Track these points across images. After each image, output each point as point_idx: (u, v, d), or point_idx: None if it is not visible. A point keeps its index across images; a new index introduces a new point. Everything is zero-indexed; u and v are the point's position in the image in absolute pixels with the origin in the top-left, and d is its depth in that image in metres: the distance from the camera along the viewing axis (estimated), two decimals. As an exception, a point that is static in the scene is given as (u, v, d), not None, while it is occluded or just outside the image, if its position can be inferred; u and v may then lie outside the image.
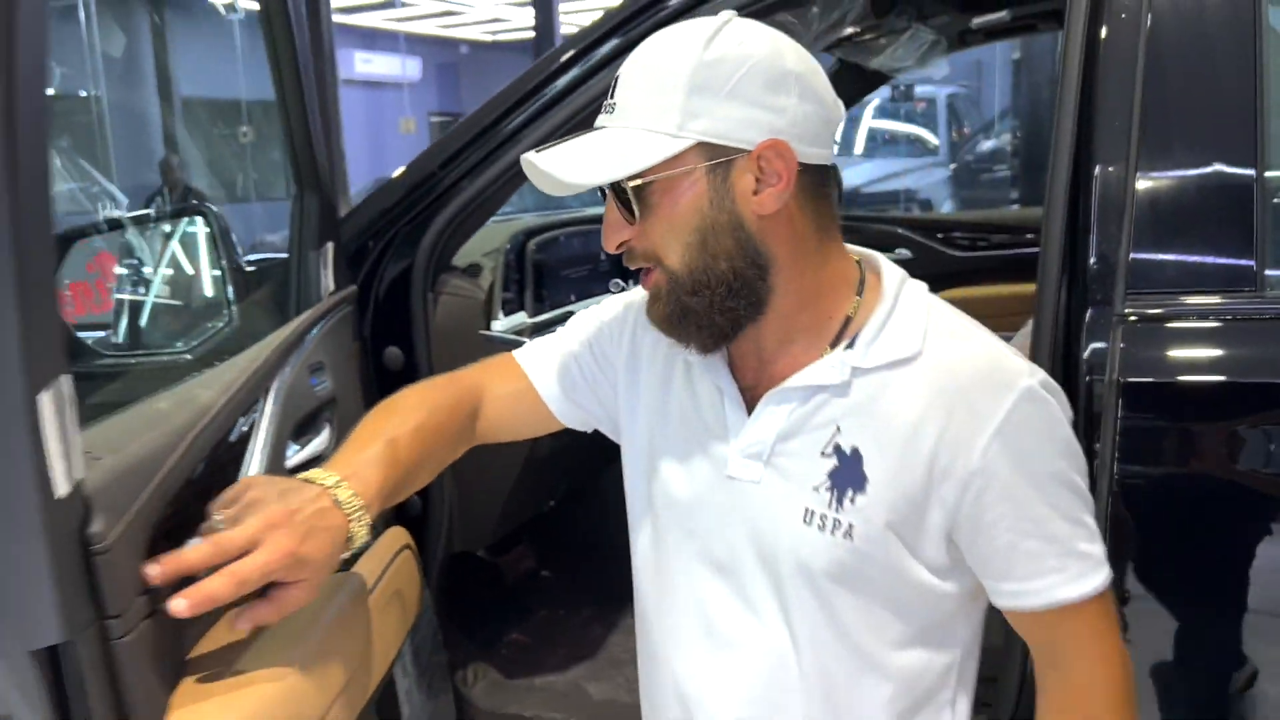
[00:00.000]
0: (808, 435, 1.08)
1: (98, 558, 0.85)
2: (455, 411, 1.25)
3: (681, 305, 1.06)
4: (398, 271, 1.94)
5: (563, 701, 2.22)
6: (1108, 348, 1.42)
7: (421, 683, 1.64)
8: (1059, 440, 1.06)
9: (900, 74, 3.25)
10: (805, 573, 1.08)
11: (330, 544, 1.02)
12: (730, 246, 1.04)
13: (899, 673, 1.12)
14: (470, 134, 1.90)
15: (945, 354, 1.06)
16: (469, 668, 2.27)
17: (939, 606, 1.11)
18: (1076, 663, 1.09)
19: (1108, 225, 1.48)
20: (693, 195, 1.02)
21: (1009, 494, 1.03)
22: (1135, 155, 1.47)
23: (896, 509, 1.05)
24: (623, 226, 1.06)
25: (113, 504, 0.88)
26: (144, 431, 1.01)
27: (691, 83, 1.00)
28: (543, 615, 2.59)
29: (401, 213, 1.94)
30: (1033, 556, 1.05)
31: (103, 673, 0.86)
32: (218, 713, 0.94)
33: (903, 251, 3.57)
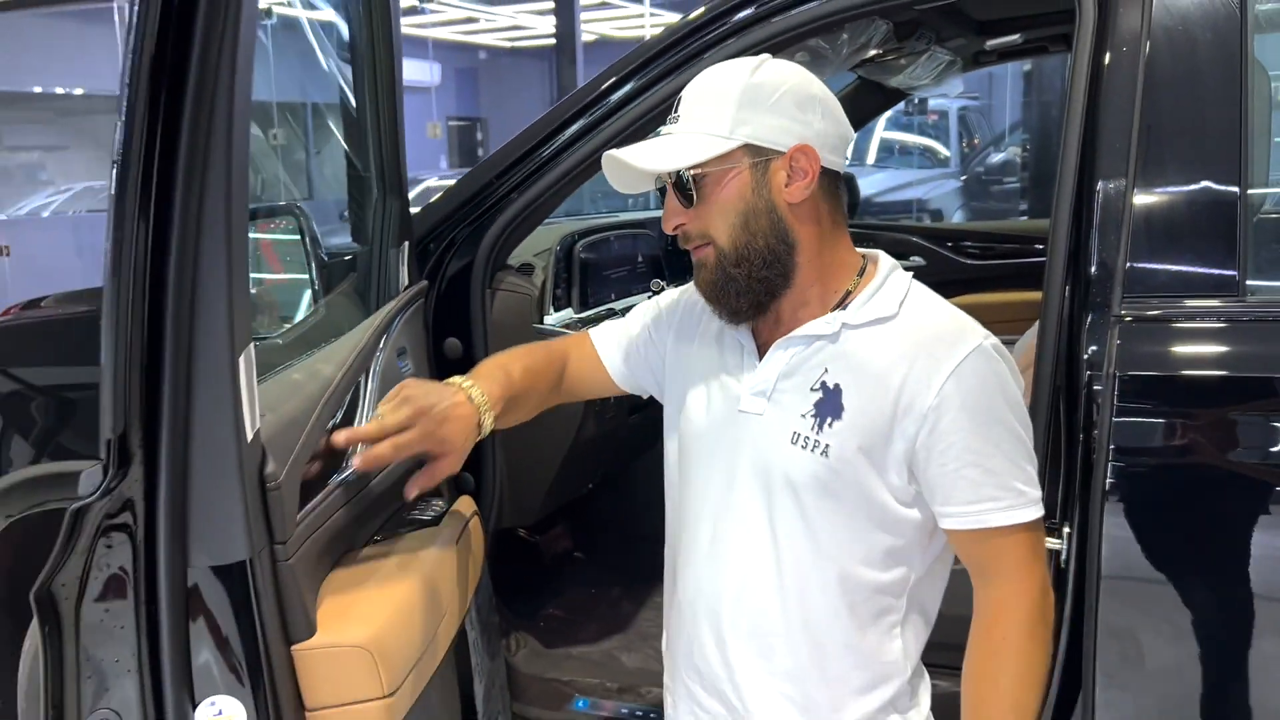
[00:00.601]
0: (802, 375, 1.34)
1: (272, 493, 1.04)
2: (550, 364, 1.58)
3: (726, 274, 1.33)
4: (458, 269, 2.12)
5: (598, 669, 2.39)
6: (1106, 345, 1.59)
7: (482, 638, 1.82)
8: (1004, 392, 1.31)
9: (918, 91, 3.43)
10: (790, 486, 1.32)
11: (464, 429, 1.37)
12: (766, 227, 1.31)
13: (859, 586, 1.34)
14: (524, 148, 2.09)
15: (916, 316, 1.33)
16: (511, 636, 2.45)
17: (900, 531, 1.34)
18: (999, 582, 1.33)
19: (1108, 235, 1.64)
20: (738, 185, 1.30)
21: (957, 426, 1.27)
22: (1134, 172, 1.63)
23: (866, 434, 1.29)
24: (680, 211, 1.34)
25: (280, 450, 1.07)
26: (290, 396, 1.20)
27: (741, 98, 1.29)
28: (578, 592, 2.76)
29: (462, 217, 2.13)
30: (973, 484, 1.28)
31: (271, 587, 1.05)
32: (360, 626, 1.12)
33: (916, 259, 3.74)
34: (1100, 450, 1.57)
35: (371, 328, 1.52)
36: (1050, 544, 1.61)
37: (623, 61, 2.08)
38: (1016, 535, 1.32)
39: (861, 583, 1.35)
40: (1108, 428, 1.57)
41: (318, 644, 1.11)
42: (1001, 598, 1.34)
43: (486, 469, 2.17)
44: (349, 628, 1.12)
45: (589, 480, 2.50)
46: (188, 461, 0.96)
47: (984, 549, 1.33)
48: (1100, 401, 1.58)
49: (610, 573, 2.82)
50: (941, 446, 1.28)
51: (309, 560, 1.12)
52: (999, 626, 1.34)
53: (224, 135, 0.90)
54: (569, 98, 2.10)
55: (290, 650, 1.08)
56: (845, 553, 1.34)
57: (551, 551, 2.78)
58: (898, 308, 1.34)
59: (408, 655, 1.18)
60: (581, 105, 2.06)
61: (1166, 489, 1.57)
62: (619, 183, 1.38)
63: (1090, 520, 1.58)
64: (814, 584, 1.35)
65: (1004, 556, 1.33)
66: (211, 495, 0.97)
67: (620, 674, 2.38)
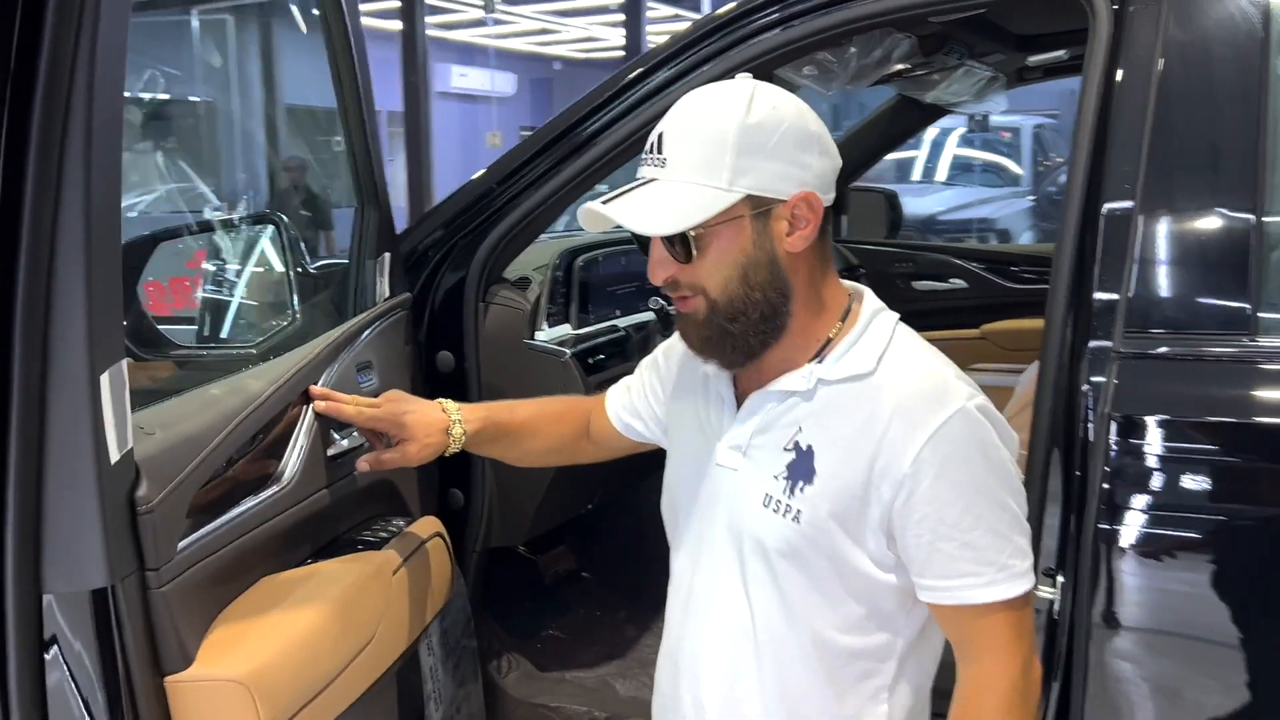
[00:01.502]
0: (776, 432, 1.26)
1: (142, 517, 0.99)
2: (569, 412, 1.64)
3: (720, 329, 1.24)
4: (453, 281, 2.08)
5: (590, 696, 2.33)
6: (1103, 382, 1.49)
7: (448, 663, 1.77)
8: (987, 458, 1.21)
9: (959, 108, 3.31)
10: (761, 550, 1.25)
11: (429, 425, 1.47)
12: (765, 279, 1.22)
13: (839, 651, 1.26)
14: (525, 155, 2.04)
15: (894, 374, 1.23)
16: (503, 657, 2.39)
17: (880, 597, 1.26)
18: (978, 661, 1.24)
19: (1111, 263, 1.54)
20: (740, 239, 1.21)
21: (933, 497, 1.18)
22: (1140, 195, 1.52)
23: (839, 501, 1.21)
24: (670, 264, 1.24)
25: (161, 472, 1.03)
26: (197, 413, 1.16)
27: (739, 144, 1.17)
28: (580, 614, 2.70)
29: (459, 226, 2.08)
30: (949, 558, 1.19)
31: (140, 616, 1.00)
32: (240, 658, 1.07)
33: (956, 281, 3.61)
34: (1092, 495, 1.47)
35: (327, 340, 1.48)
36: (1043, 593, 1.53)
37: (624, 71, 2.02)
38: (997, 613, 1.22)
39: (840, 649, 1.27)
40: (1100, 472, 1.47)
41: (190, 677, 1.06)
42: (979, 676, 1.25)
43: (476, 486, 2.13)
44: (227, 660, 1.07)
45: (587, 500, 2.44)
46: (41, 482, 0.92)
47: (961, 626, 1.25)
48: (1094, 442, 1.48)
49: (616, 596, 2.75)
50: (916, 517, 1.20)
51: (194, 587, 1.08)
52: (976, 708, 1.25)
53: (82, 134, 0.86)
54: (571, 107, 2.05)
55: (163, 682, 1.04)
56: (820, 619, 1.26)
57: (554, 572, 2.72)
58: (875, 363, 1.24)
59: (299, 690, 1.12)
60: (582, 114, 2.01)
61: (1159, 543, 1.47)
62: (592, 225, 1.29)
63: (1080, 571, 1.49)
64: (790, 649, 1.28)
65: (982, 634, 1.23)
66: (67, 518, 0.93)
67: (611, 702, 2.31)
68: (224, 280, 2.01)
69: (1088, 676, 1.51)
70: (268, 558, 1.27)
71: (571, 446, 1.63)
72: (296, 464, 1.35)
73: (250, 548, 1.23)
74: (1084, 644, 1.50)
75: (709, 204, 1.17)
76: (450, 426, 1.49)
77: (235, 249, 2.03)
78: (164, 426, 1.09)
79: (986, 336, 3.46)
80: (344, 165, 1.75)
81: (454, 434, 1.49)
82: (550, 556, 2.72)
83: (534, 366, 2.09)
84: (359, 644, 1.25)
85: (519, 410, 1.58)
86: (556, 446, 1.62)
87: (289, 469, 1.33)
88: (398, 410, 1.47)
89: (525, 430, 1.58)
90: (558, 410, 1.63)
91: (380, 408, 1.47)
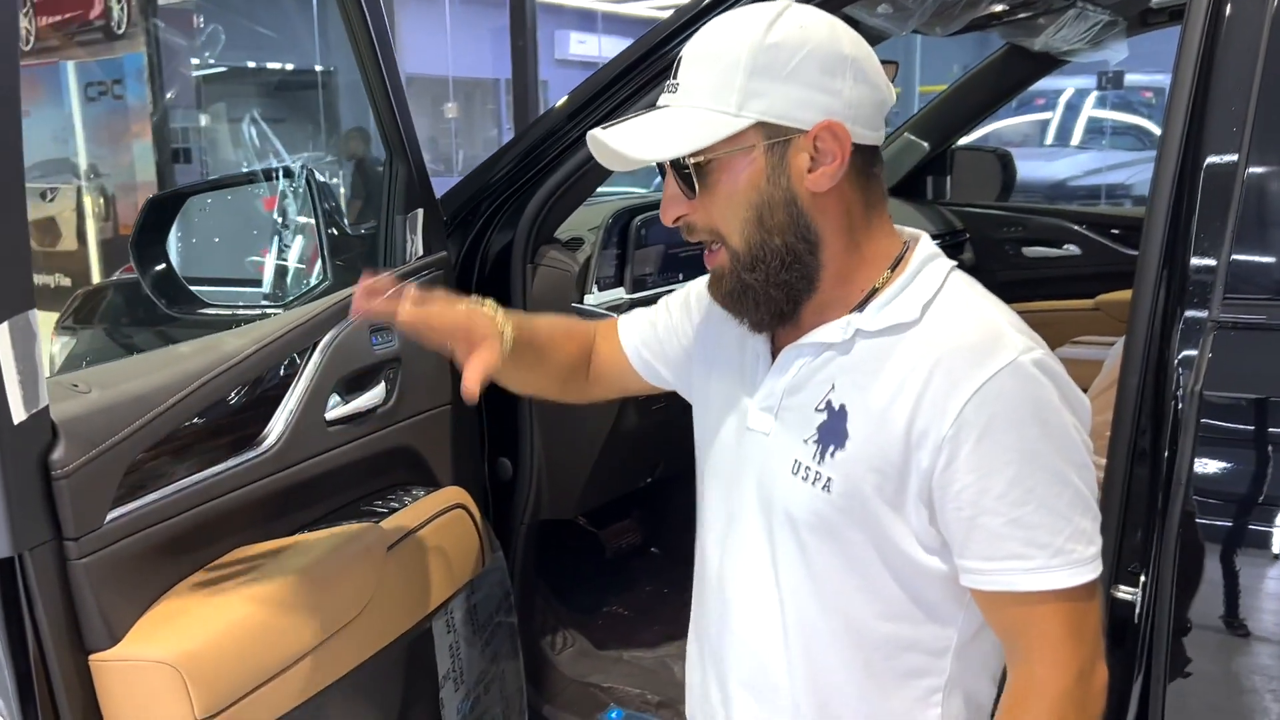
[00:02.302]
0: (809, 391, 1.12)
1: (58, 482, 0.92)
2: (575, 332, 1.44)
3: (741, 282, 1.11)
4: (502, 243, 1.99)
5: (646, 678, 2.23)
6: (1196, 356, 1.30)
7: (476, 640, 1.69)
8: (1043, 421, 1.03)
9: (1073, 57, 3.05)
10: (791, 523, 1.12)
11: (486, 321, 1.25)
12: (784, 222, 1.08)
13: (879, 642, 1.12)
14: (574, 107, 1.92)
15: (939, 324, 1.08)
16: (559, 633, 2.31)
17: (925, 583, 1.10)
18: (1026, 662, 1.08)
19: (1211, 223, 1.35)
20: (750, 172, 1.07)
21: (975, 465, 1.02)
22: (1248, 144, 1.33)
23: (874, 468, 1.06)
24: (681, 201, 1.11)
25: (86, 435, 0.95)
26: (152, 372, 1.09)
27: (752, 65, 1.04)
28: (646, 591, 2.60)
29: (507, 183, 1.98)
30: (993, 536, 1.03)
31: (56, 588, 0.93)
32: (173, 637, 1.00)
33: (1070, 247, 3.36)
34: (1179, 484, 1.29)
35: (333, 299, 1.40)
36: (1124, 594, 1.36)
37: (684, 8, 1.88)
38: (1051, 604, 1.04)
39: (880, 639, 1.12)
40: (1188, 457, 1.28)
41: (115, 656, 0.99)
42: (1026, 679, 1.08)
43: (524, 455, 2.04)
44: (157, 639, 0.99)
45: (646, 473, 2.32)
46: (-65, 444, 0.85)
47: (1007, 617, 1.07)
48: (1183, 424, 1.30)
49: (685, 571, 2.64)
50: (956, 487, 1.03)
51: (133, 559, 1.00)
52: (1019, 715, 1.08)
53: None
54: (622, 53, 1.91)
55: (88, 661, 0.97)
56: (856, 603, 1.11)
57: (615, 545, 2.62)
58: (919, 312, 1.08)
59: (245, 674, 1.04)
60: (634, 60, 1.88)
61: (1254, 538, 1.28)
62: (609, 161, 1.14)
63: (1162, 569, 1.31)
64: (821, 636, 1.13)
65: (1031, 630, 1.06)
66: (-35, 483, 0.87)
67: (668, 685, 2.20)
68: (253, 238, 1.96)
69: (1167, 687, 1.33)
70: (243, 528, 1.19)
71: (577, 371, 1.43)
72: (284, 428, 1.27)
73: (216, 517, 1.15)
74: (1165, 650, 1.32)
75: (714, 129, 1.05)
76: (501, 327, 1.26)
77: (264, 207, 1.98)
78: (107, 385, 1.02)
79: (1101, 307, 3.20)
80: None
81: (506, 336, 1.26)
82: (613, 530, 2.63)
83: (581, 332, 1.98)
84: (334, 623, 1.16)
85: (536, 320, 1.37)
86: (566, 366, 1.41)
87: (274, 433, 1.25)
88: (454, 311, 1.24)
89: (547, 344, 1.36)
90: (565, 327, 1.43)
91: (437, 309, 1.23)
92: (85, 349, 2.42)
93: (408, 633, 1.37)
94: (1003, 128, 9.33)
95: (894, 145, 3.51)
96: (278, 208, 1.92)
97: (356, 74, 1.59)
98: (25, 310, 0.85)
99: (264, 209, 1.96)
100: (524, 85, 7.20)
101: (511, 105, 8.04)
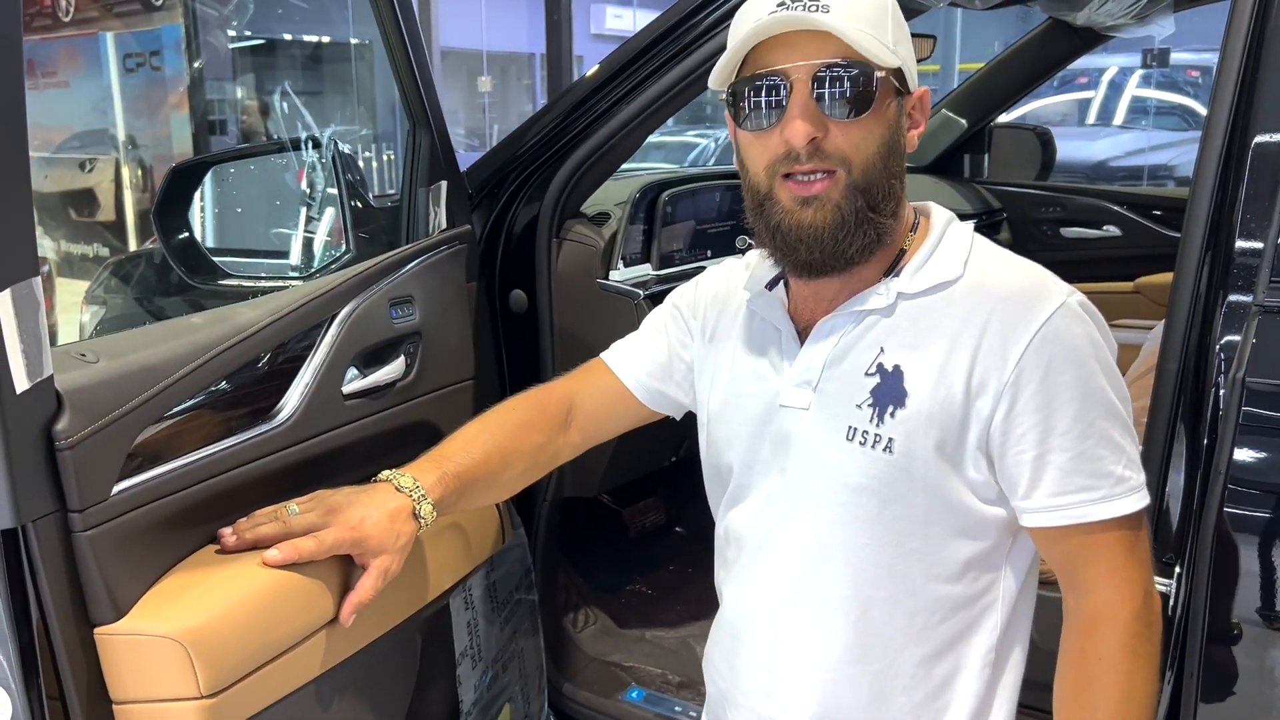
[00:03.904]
0: (854, 359, 1.13)
1: (62, 453, 0.91)
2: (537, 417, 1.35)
3: (860, 212, 1.09)
4: (529, 217, 1.96)
5: (668, 658, 2.21)
6: (1239, 342, 1.26)
7: (495, 617, 1.67)
8: (1095, 358, 1.08)
9: (1117, 32, 2.97)
10: (849, 490, 1.12)
11: (391, 523, 1.16)
12: (898, 168, 1.12)
13: (934, 605, 1.13)
14: (600, 79, 1.88)
15: (985, 275, 1.12)
16: (581, 611, 2.30)
17: (984, 534, 1.12)
18: (1093, 589, 1.10)
19: (1259, 203, 1.30)
20: (893, 111, 1.10)
21: (1040, 405, 1.06)
22: (1300, 121, 1.28)
23: (936, 422, 1.08)
24: (820, 121, 1.07)
25: (93, 405, 0.94)
26: (163, 342, 1.07)
27: (895, 15, 1.10)
28: (670, 571, 2.58)
29: (534, 156, 1.95)
30: (1061, 472, 1.07)
31: (60, 560, 0.92)
32: (179, 612, 0.99)
33: (1110, 229, 3.29)
34: (1218, 474, 1.25)
35: (352, 272, 1.38)
36: (1160, 585, 1.32)
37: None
38: (1114, 532, 1.09)
39: (935, 600, 1.14)
40: (1228, 446, 1.24)
41: (120, 630, 0.98)
42: (1096, 608, 1.11)
43: (547, 433, 2.02)
44: (164, 613, 0.98)
45: (671, 453, 2.30)
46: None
47: (1074, 550, 1.11)
48: (1223, 412, 1.25)
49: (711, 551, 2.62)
50: (1021, 430, 1.07)
51: (139, 531, 0.99)
52: (1095, 644, 1.10)
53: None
54: (651, 23, 1.87)
55: (93, 634, 0.96)
56: (914, 568, 1.13)
57: (639, 523, 2.60)
58: (962, 267, 1.13)
59: (253, 650, 1.03)
60: (664, 29, 1.84)
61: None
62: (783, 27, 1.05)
63: (1198, 562, 1.27)
64: (877, 608, 1.14)
65: (1098, 558, 1.10)
66: (-34, 452, 0.85)
67: (690, 665, 2.19)
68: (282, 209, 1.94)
69: (1201, 682, 1.30)
70: (256, 502, 1.18)
71: (550, 453, 1.36)
72: (300, 401, 1.25)
73: (228, 491, 1.14)
74: (1199, 644, 1.28)
75: (886, 55, 1.06)
76: (416, 508, 1.19)
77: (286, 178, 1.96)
78: (115, 355, 1.01)
79: (1141, 290, 3.13)
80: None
81: (423, 514, 1.19)
82: (636, 509, 2.60)
83: (606, 308, 1.95)
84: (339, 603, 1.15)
85: (474, 443, 1.28)
86: (533, 462, 1.34)
87: (289, 406, 1.24)
88: (349, 524, 1.15)
89: (494, 465, 1.28)
90: (520, 421, 1.34)
91: (328, 530, 1.14)
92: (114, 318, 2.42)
93: (424, 609, 1.36)
94: (1042, 107, 9.17)
95: (932, 122, 3.44)
96: (305, 179, 1.91)
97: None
98: (29, 278, 0.84)
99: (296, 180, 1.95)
100: (559, 60, 7.17)
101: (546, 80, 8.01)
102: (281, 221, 1.95)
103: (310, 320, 1.28)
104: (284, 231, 1.97)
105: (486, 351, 1.86)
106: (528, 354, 1.98)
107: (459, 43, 13.58)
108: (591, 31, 15.08)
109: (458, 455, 1.25)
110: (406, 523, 1.18)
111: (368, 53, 9.67)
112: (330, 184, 1.85)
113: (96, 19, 8.53)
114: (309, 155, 1.91)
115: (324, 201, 1.91)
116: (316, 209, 1.95)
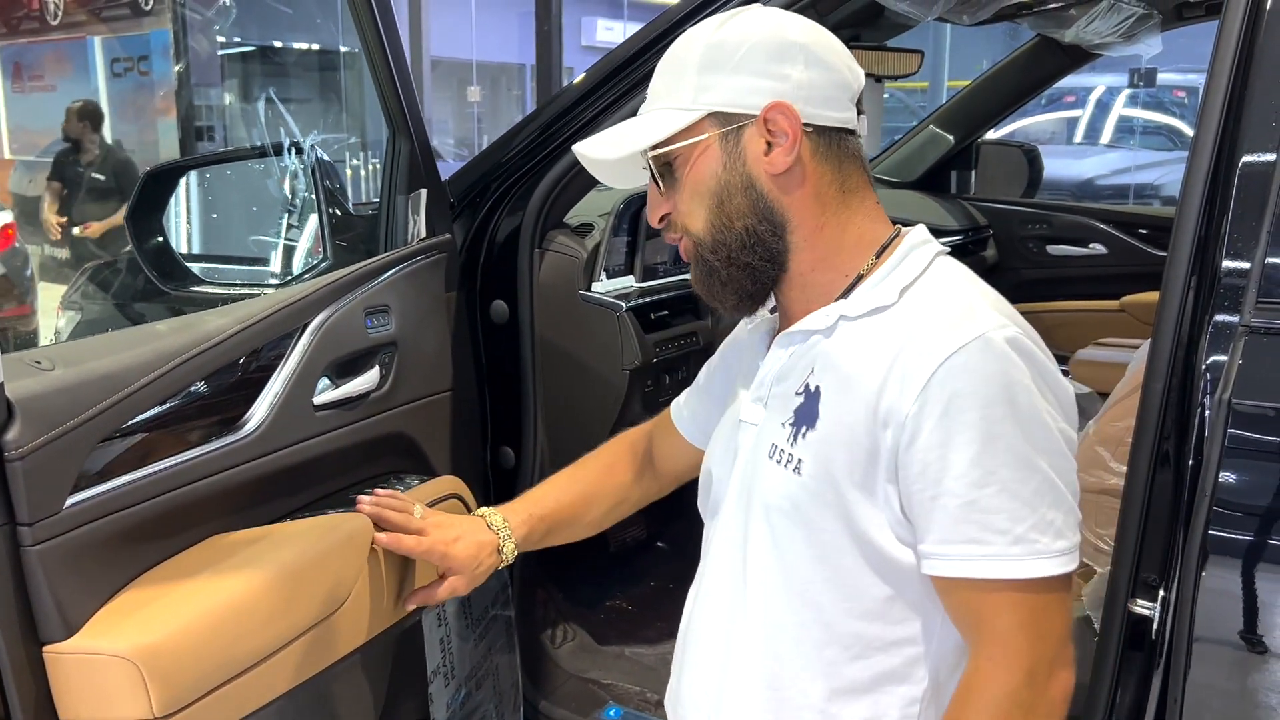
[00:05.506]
0: (793, 377, 1.13)
1: (11, 464, 0.87)
2: (620, 459, 1.49)
3: (706, 265, 1.14)
4: (510, 227, 1.94)
5: (646, 675, 2.18)
6: (1225, 362, 1.24)
7: (469, 634, 1.64)
8: (1011, 401, 0.99)
9: (1105, 51, 2.97)
10: (765, 510, 1.11)
11: (477, 551, 1.33)
12: (744, 206, 1.11)
13: (849, 640, 1.08)
14: (582, 90, 1.87)
15: (916, 302, 1.07)
16: (559, 627, 2.27)
17: (899, 579, 1.06)
18: (973, 654, 1.05)
19: (1246, 221, 1.29)
20: (707, 161, 1.11)
21: (938, 442, 0.99)
22: (1287, 140, 1.26)
23: (844, 448, 1.05)
24: (660, 200, 1.16)
25: (47, 415, 0.91)
26: (124, 350, 1.04)
27: (701, 62, 1.10)
28: (650, 586, 2.55)
29: (518, 165, 1.93)
30: (951, 519, 1.00)
31: (7, 576, 0.89)
32: (132, 630, 0.95)
33: (1096, 246, 3.29)
34: (1201, 496, 1.23)
35: (326, 280, 1.35)
36: (1141, 608, 1.30)
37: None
38: (1005, 595, 1.00)
39: (850, 636, 1.08)
40: (1214, 468, 1.22)
41: (70, 649, 0.94)
42: (969, 676, 1.04)
43: (527, 444, 1.99)
44: (116, 632, 0.95)
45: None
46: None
47: (959, 605, 1.04)
48: (1209, 433, 1.24)
49: (692, 566, 2.58)
50: (919, 467, 1.00)
51: (94, 546, 0.96)
52: (963, 715, 1.03)
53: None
54: (635, 34, 1.86)
55: (42, 652, 0.93)
56: (824, 598, 1.08)
57: (619, 538, 2.57)
58: (898, 295, 1.08)
59: (210, 669, 0.99)
60: (647, 41, 1.82)
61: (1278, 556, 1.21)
62: (597, 171, 1.22)
63: (1183, 584, 1.25)
64: (788, 630, 1.10)
65: (982, 621, 1.03)
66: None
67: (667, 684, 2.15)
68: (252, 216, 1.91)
69: (1184, 707, 1.27)
70: (220, 516, 1.14)
71: (636, 493, 1.49)
72: (268, 412, 1.22)
73: (189, 504, 1.10)
74: (1183, 668, 1.26)
75: (669, 124, 1.11)
76: (500, 545, 1.36)
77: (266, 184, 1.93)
78: (73, 363, 0.97)
79: (1126, 309, 3.13)
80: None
81: (505, 552, 1.36)
82: (622, 523, 2.57)
83: (588, 320, 1.93)
84: (311, 617, 1.11)
85: (565, 489, 1.45)
86: (618, 501, 1.48)
87: (256, 417, 1.20)
88: (445, 540, 1.31)
89: (579, 507, 1.44)
90: (606, 463, 1.48)
91: (428, 538, 1.30)
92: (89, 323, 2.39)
93: (394, 626, 1.33)
94: (1029, 124, 9.22)
95: (919, 138, 3.44)
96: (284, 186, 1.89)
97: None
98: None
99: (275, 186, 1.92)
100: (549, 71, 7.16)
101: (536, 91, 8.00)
102: (259, 228, 1.92)
103: (281, 329, 1.25)
104: (261, 238, 1.93)
105: (465, 362, 1.84)
106: (509, 365, 1.96)
107: (449, 53, 13.57)
108: (582, 43, 15.08)
109: (547, 498, 1.42)
110: (490, 556, 1.34)
111: (356, 60, 9.67)
112: (309, 190, 1.82)
113: (85, 23, 8.50)
114: (288, 161, 1.88)
115: (303, 208, 1.88)
116: (295, 216, 1.92)
